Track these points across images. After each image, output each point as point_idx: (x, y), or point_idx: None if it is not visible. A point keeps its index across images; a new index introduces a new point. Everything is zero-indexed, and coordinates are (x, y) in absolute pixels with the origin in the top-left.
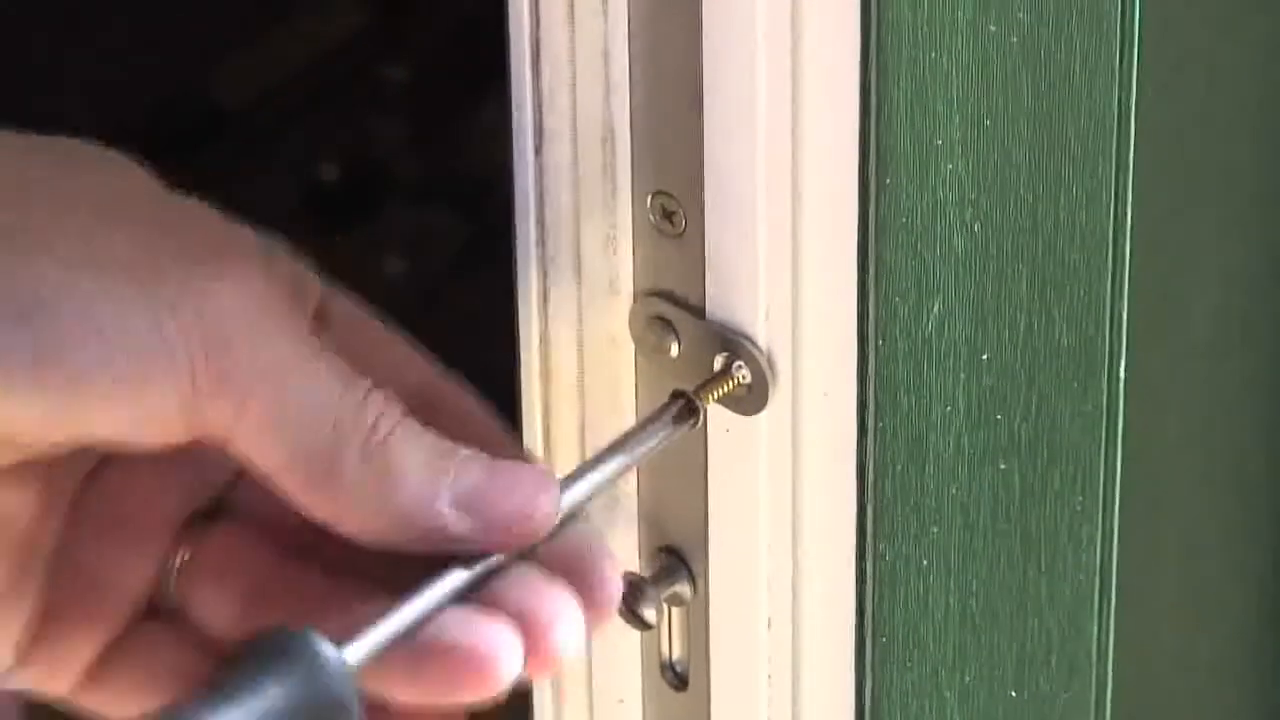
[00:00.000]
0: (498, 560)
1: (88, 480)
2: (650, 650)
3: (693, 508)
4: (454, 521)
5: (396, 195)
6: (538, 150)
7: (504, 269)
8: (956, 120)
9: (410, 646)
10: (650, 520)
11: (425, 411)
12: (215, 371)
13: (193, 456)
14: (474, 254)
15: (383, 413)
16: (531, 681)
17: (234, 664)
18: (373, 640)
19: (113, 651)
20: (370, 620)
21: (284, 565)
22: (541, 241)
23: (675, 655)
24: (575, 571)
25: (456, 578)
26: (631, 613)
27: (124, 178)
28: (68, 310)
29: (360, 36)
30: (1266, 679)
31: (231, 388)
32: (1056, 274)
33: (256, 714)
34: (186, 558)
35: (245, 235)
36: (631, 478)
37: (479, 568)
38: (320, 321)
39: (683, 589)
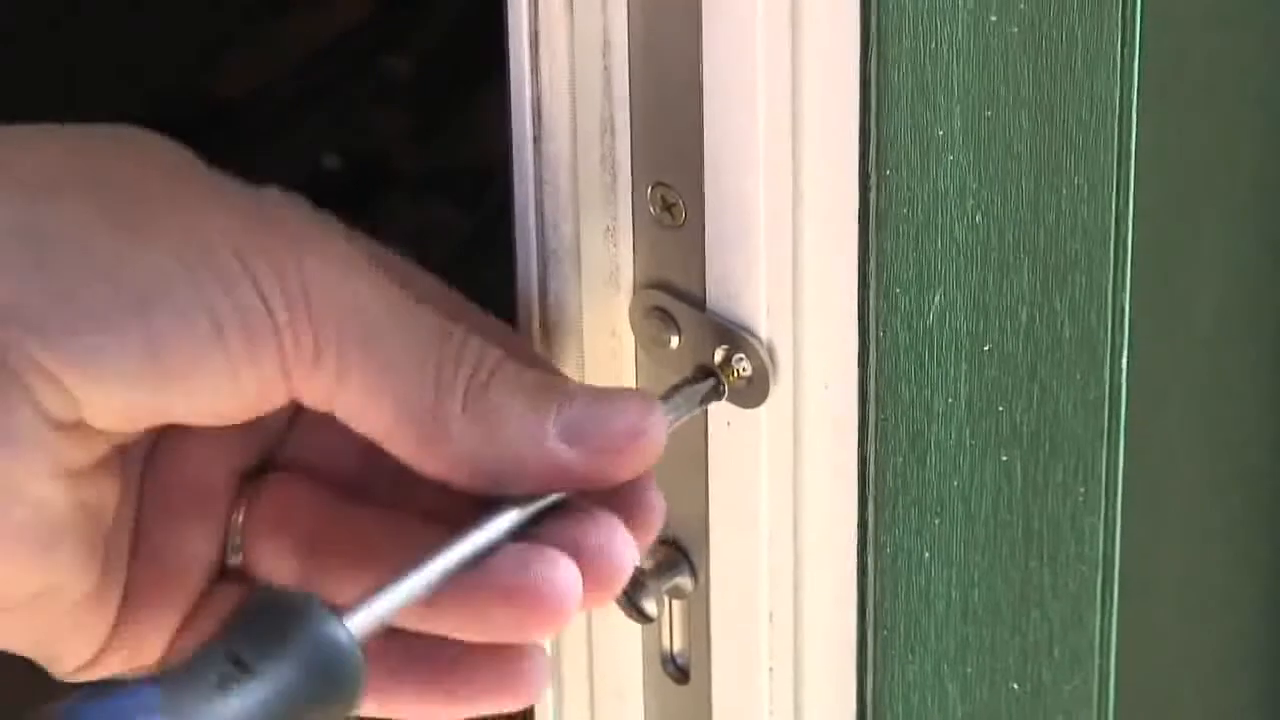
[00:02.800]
0: (548, 501)
1: (149, 455)
2: (651, 643)
3: (693, 500)
4: (565, 454)
5: (398, 187)
6: (536, 141)
7: (505, 260)
8: (957, 111)
9: (468, 587)
10: None
11: None
12: (316, 343)
13: None
14: (475, 245)
15: (481, 358)
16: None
17: (231, 632)
18: (383, 606)
19: (189, 621)
20: (387, 582)
21: (339, 510)
22: (541, 233)
23: (676, 648)
24: (617, 495)
25: (495, 525)
26: (632, 605)
27: (184, 161)
28: (182, 297)
29: (361, 28)
30: (1270, 670)
31: (331, 356)
32: (1058, 265)
33: (254, 702)
34: (243, 515)
35: (282, 196)
36: None
37: (522, 511)
38: None
39: (684, 581)
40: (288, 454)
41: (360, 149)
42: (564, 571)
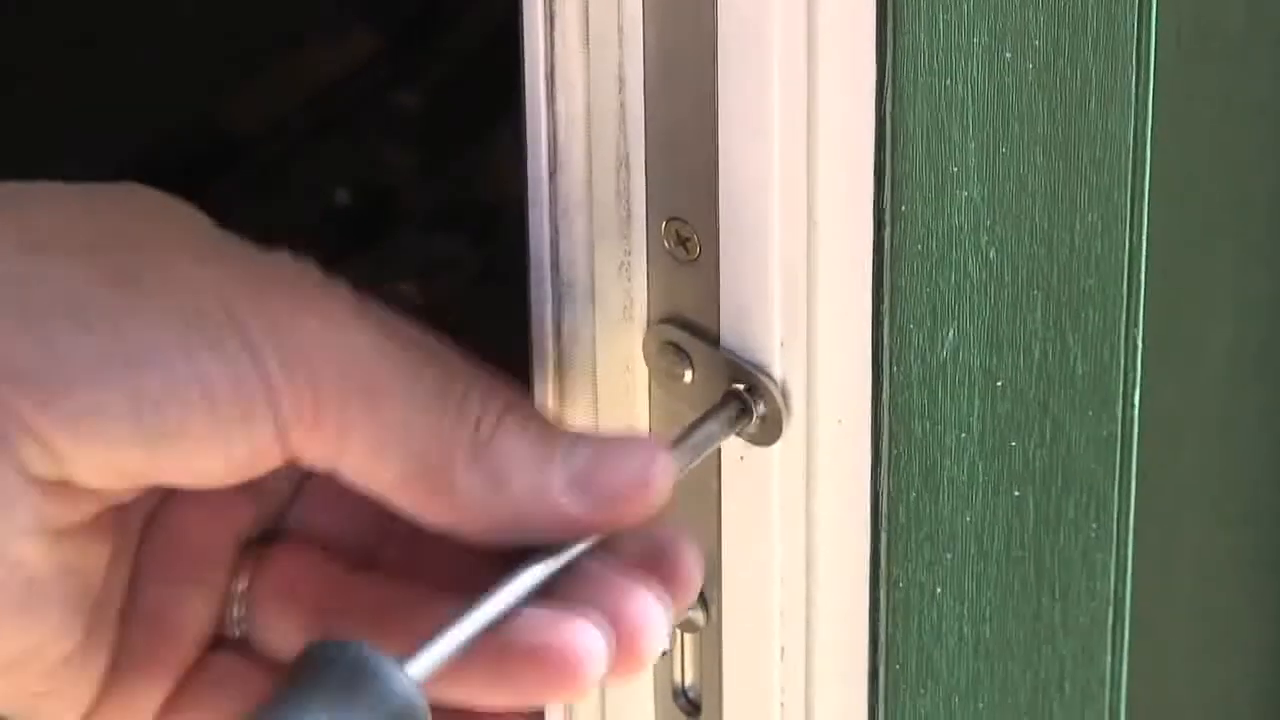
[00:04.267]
0: (577, 550)
1: (149, 519)
2: (663, 677)
3: (706, 535)
4: (570, 504)
5: (409, 222)
6: (552, 176)
7: (518, 295)
8: (972, 147)
9: (493, 650)
10: None
11: None
12: (316, 404)
13: (250, 483)
14: (487, 280)
15: (483, 411)
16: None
17: (293, 685)
18: (439, 652)
19: (182, 689)
20: (436, 631)
21: (345, 580)
22: (555, 267)
23: (688, 682)
24: (653, 557)
25: (531, 575)
26: None
27: (188, 220)
28: (173, 358)
29: (373, 63)
30: None
31: (332, 415)
32: (1072, 301)
33: None
34: (246, 585)
35: (287, 258)
36: None
37: (555, 561)
38: None
39: (696, 615)
40: (293, 522)
41: (371, 184)
42: (587, 637)
